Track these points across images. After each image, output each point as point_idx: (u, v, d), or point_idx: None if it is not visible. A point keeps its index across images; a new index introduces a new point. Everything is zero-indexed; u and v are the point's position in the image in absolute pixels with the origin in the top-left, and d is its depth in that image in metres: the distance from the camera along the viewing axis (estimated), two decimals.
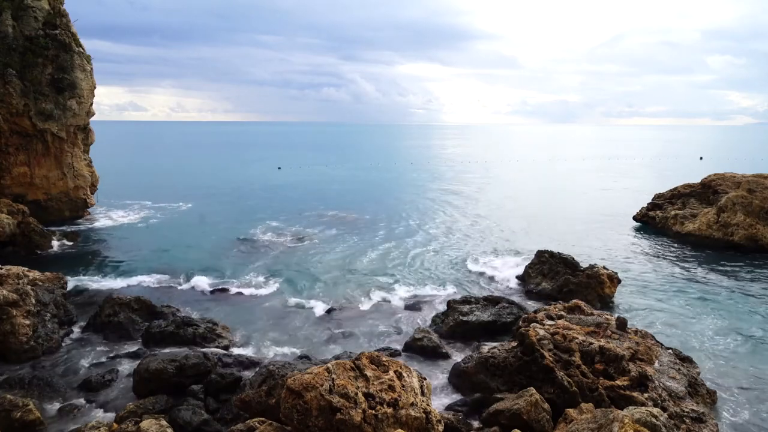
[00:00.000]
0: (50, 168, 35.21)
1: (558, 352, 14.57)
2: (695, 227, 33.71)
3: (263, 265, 28.29)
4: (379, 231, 37.40)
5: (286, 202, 49.30)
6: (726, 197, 33.14)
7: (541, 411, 12.88)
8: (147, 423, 12.11)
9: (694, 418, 12.80)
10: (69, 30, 35.11)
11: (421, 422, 11.31)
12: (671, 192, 40.18)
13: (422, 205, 48.58)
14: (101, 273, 26.89)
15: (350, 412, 10.73)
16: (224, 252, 31.19)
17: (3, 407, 13.00)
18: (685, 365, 15.35)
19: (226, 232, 36.50)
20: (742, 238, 31.17)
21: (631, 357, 14.45)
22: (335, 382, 11.24)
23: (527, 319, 17.21)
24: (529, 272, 25.47)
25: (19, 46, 32.60)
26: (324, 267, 28.34)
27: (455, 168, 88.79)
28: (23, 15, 33.21)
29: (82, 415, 14.23)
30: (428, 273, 27.44)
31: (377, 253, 31.28)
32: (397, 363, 12.53)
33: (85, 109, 35.93)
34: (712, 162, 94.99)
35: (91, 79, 36.29)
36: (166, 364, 15.39)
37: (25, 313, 17.91)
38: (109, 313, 19.91)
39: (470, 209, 46.78)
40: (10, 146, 33.38)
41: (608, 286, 23.12)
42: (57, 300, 20.38)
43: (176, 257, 29.84)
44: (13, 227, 29.15)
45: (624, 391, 13.30)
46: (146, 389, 15.02)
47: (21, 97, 32.37)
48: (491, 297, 21.87)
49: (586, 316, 17.10)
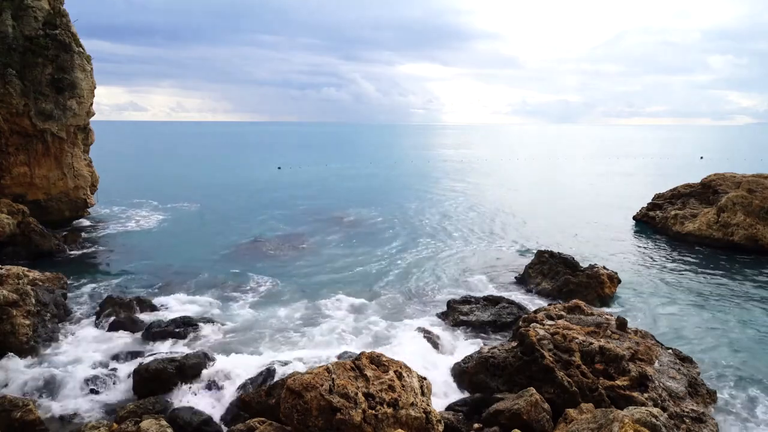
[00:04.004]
0: (50, 168, 35.19)
1: (558, 352, 14.58)
2: (695, 227, 33.71)
3: (263, 265, 28.29)
4: (379, 231, 37.39)
5: (285, 203, 49.28)
6: (726, 197, 33.14)
7: (541, 411, 12.89)
8: (147, 423, 12.11)
9: (694, 418, 12.81)
10: (69, 30, 35.08)
11: (421, 422, 11.31)
12: (671, 192, 40.19)
13: (422, 205, 48.56)
14: (101, 273, 26.89)
15: (350, 412, 10.73)
16: (224, 252, 31.19)
17: (3, 407, 13.00)
18: (685, 365, 15.35)
19: (226, 232, 36.51)
20: (742, 238, 31.17)
21: (631, 357, 14.46)
22: (335, 382, 11.24)
23: (527, 319, 17.23)
24: (529, 272, 25.47)
25: (19, 46, 32.58)
26: (323, 267, 28.33)
27: (455, 168, 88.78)
28: (23, 15, 33.17)
29: (82, 415, 14.22)
30: (428, 272, 27.43)
31: (377, 252, 31.26)
32: (397, 363, 12.54)
33: (85, 109, 35.91)
34: (712, 162, 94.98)
35: (91, 79, 36.27)
36: (166, 364, 15.40)
37: (25, 313, 17.91)
38: (109, 313, 19.93)
39: (470, 209, 46.76)
40: (10, 146, 33.36)
41: (608, 286, 23.13)
42: (57, 300, 20.38)
43: (176, 257, 29.83)
44: (13, 227, 29.15)
45: (624, 391, 13.31)
46: (146, 389, 15.02)
47: (21, 97, 32.35)
48: (491, 297, 21.88)
49: (586, 316, 17.12)
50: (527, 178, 74.80)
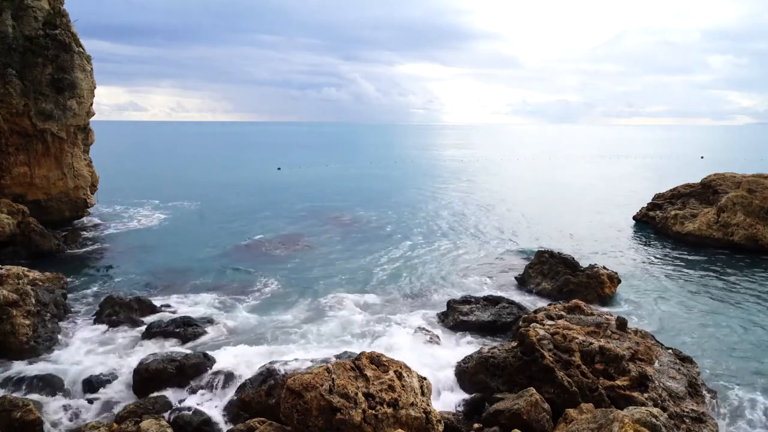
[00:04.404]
0: (50, 168, 35.19)
1: (558, 352, 14.58)
2: (695, 227, 33.71)
3: (263, 265, 28.29)
4: (379, 231, 37.39)
5: (285, 203, 49.28)
6: (726, 197, 33.14)
7: (541, 411, 12.89)
8: (147, 423, 12.12)
9: (694, 418, 12.81)
10: (69, 30, 35.08)
11: (421, 422, 11.31)
12: (671, 192, 40.20)
13: (422, 205, 48.57)
14: (101, 272, 26.90)
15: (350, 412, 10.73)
16: (224, 252, 31.20)
17: (3, 407, 13.00)
18: (685, 365, 15.36)
19: (227, 232, 36.51)
20: (742, 238, 31.17)
21: (631, 357, 14.46)
22: (335, 382, 11.25)
23: (527, 319, 17.24)
24: (529, 272, 25.46)
25: (19, 46, 32.58)
26: (323, 266, 28.33)
27: (455, 168, 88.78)
28: (23, 15, 33.17)
29: (82, 415, 14.22)
30: (428, 272, 27.43)
31: (377, 252, 31.26)
32: (397, 363, 12.54)
33: (85, 109, 35.91)
34: (713, 162, 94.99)
35: (91, 79, 36.27)
36: (166, 364, 15.40)
37: (25, 313, 17.91)
38: (109, 313, 19.93)
39: (470, 209, 46.76)
40: (10, 146, 33.36)
41: (608, 286, 23.13)
42: (57, 300, 20.38)
43: (176, 257, 29.85)
44: (13, 227, 29.16)
45: (624, 391, 13.31)
46: (146, 389, 15.02)
47: (21, 97, 32.34)
48: (491, 297, 21.87)
49: (586, 316, 17.12)
50: (527, 178, 74.80)
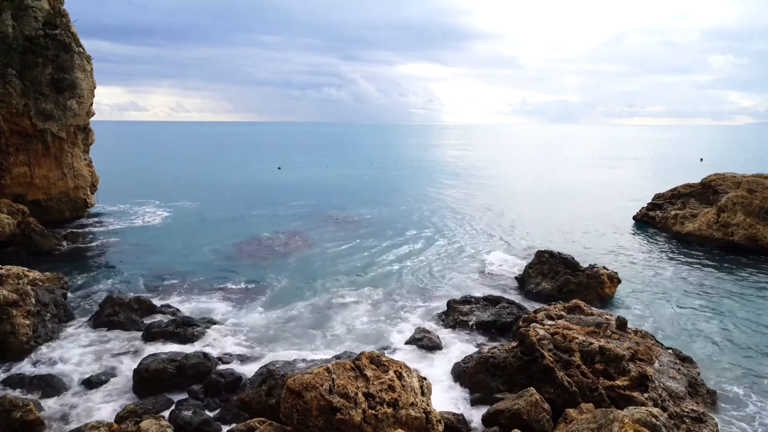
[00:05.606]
0: (50, 168, 35.20)
1: (558, 352, 14.57)
2: (695, 227, 33.71)
3: (262, 266, 28.30)
4: (379, 231, 37.37)
5: (285, 203, 49.26)
6: (726, 197, 33.14)
7: (541, 411, 12.88)
8: (147, 423, 12.10)
9: (694, 418, 12.81)
10: (69, 30, 35.09)
11: (421, 422, 11.31)
12: (671, 192, 40.20)
13: (422, 205, 48.55)
14: (101, 272, 26.88)
15: (350, 412, 10.73)
16: (224, 252, 31.19)
17: (3, 407, 13.00)
18: (685, 365, 15.36)
19: (227, 232, 36.49)
20: (742, 238, 31.17)
21: (631, 357, 14.45)
22: (335, 382, 11.24)
23: (527, 319, 17.23)
24: (529, 272, 25.45)
25: (19, 46, 32.58)
26: (323, 267, 28.33)
27: (455, 168, 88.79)
28: (23, 15, 33.19)
29: (82, 415, 14.22)
30: (428, 272, 27.43)
31: (377, 252, 31.26)
32: (397, 363, 12.53)
33: (85, 109, 35.93)
34: (712, 162, 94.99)
35: (91, 79, 36.28)
36: (166, 364, 15.41)
37: (25, 313, 17.92)
38: (109, 313, 19.91)
39: (470, 209, 46.77)
40: (10, 146, 33.38)
41: (608, 286, 23.13)
42: (57, 300, 20.38)
43: (176, 257, 29.85)
44: (13, 227, 29.16)
45: (624, 391, 13.31)
46: (146, 389, 15.03)
47: (21, 97, 32.36)
48: (491, 297, 21.87)
49: (586, 316, 17.11)
50: (527, 177, 74.79)
